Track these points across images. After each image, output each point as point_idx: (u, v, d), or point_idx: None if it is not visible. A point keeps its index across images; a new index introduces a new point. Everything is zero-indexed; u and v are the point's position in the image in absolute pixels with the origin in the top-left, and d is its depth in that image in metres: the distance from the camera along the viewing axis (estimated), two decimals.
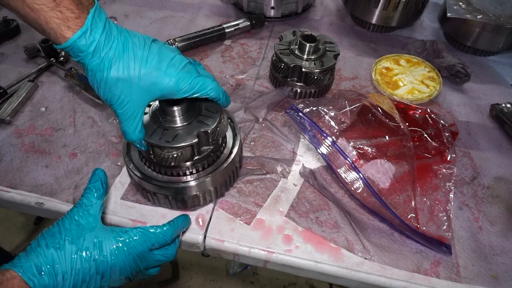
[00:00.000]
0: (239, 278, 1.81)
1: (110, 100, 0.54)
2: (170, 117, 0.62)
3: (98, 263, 0.49)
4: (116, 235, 0.52)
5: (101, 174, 0.56)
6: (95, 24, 0.49)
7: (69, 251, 0.48)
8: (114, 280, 0.52)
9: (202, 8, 1.21)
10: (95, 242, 0.50)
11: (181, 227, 0.61)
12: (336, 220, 0.71)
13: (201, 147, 0.64)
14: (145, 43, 0.54)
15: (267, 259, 0.67)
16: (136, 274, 0.55)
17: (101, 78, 0.52)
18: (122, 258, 0.52)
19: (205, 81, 0.58)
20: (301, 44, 0.86)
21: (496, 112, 0.89)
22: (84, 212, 0.52)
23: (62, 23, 0.47)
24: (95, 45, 0.49)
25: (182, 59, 0.57)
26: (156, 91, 0.55)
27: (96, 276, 0.50)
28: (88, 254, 0.49)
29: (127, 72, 0.52)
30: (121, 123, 0.57)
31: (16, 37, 1.07)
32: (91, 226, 0.51)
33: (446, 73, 0.99)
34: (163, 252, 0.58)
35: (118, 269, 0.52)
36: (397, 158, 0.75)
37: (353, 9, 1.13)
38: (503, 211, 0.73)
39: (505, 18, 0.98)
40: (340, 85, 0.98)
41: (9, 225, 1.98)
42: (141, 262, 0.54)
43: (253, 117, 0.86)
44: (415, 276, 0.64)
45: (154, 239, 0.55)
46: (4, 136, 0.82)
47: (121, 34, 0.53)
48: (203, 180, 0.65)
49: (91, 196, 0.53)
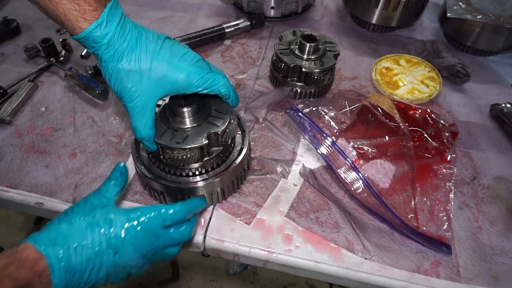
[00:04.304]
0: (239, 278, 1.81)
1: (121, 92, 0.55)
2: (180, 118, 0.63)
3: (109, 238, 0.50)
4: (127, 212, 0.53)
5: (122, 167, 0.58)
6: (111, 17, 0.51)
7: (80, 225, 0.50)
8: (130, 258, 0.52)
9: (202, 8, 1.21)
10: (106, 217, 0.51)
11: (195, 207, 0.60)
12: (336, 220, 0.71)
13: (211, 148, 0.64)
14: (159, 38, 0.56)
15: (267, 259, 0.67)
16: (153, 253, 0.55)
17: (113, 69, 0.53)
18: (133, 233, 0.52)
19: (216, 77, 0.59)
20: (301, 44, 0.86)
21: (496, 112, 0.89)
22: (99, 195, 0.54)
23: (79, 15, 0.50)
24: (109, 37, 0.51)
25: (195, 55, 0.58)
26: (167, 84, 0.56)
27: (108, 250, 0.50)
28: (99, 228, 0.50)
29: (139, 64, 0.53)
30: (131, 118, 0.57)
31: (16, 37, 1.07)
32: (104, 205, 0.53)
33: (446, 73, 0.99)
34: (178, 231, 0.57)
35: (130, 245, 0.52)
36: (397, 158, 0.75)
37: (353, 9, 1.13)
38: (503, 211, 0.73)
39: (505, 18, 0.98)
40: (340, 85, 0.98)
41: (9, 225, 1.98)
42: (155, 240, 0.54)
43: (253, 117, 0.86)
44: (415, 276, 0.64)
45: (166, 214, 0.54)
46: (4, 136, 0.82)
47: (135, 29, 0.55)
48: (211, 181, 0.65)
49: (109, 183, 0.56)
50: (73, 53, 1.02)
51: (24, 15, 1.13)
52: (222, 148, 0.65)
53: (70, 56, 1.02)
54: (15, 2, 1.20)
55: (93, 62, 0.97)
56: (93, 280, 0.50)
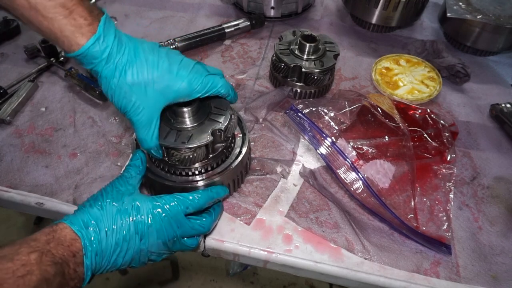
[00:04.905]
0: (239, 278, 1.81)
1: (125, 107, 0.54)
2: (182, 118, 0.63)
3: (137, 223, 0.53)
4: (152, 199, 0.56)
5: (142, 154, 0.61)
6: (107, 31, 0.51)
7: (110, 210, 0.52)
8: (152, 244, 0.55)
9: (202, 8, 1.21)
10: (134, 204, 0.54)
11: (216, 194, 0.62)
12: (336, 220, 0.71)
13: (215, 145, 0.65)
14: (154, 48, 0.56)
15: (267, 259, 0.67)
16: (173, 241, 0.57)
17: (115, 85, 0.52)
18: (158, 219, 0.54)
19: (215, 79, 0.59)
20: (301, 44, 0.86)
21: (496, 112, 0.89)
22: (124, 182, 0.57)
23: (76, 30, 0.49)
24: (108, 51, 0.51)
25: (190, 61, 0.59)
26: (170, 94, 0.56)
27: (135, 236, 0.53)
28: (128, 214, 0.53)
29: (141, 76, 0.53)
30: (136, 131, 0.57)
31: (16, 37, 1.07)
32: (130, 192, 0.56)
33: (446, 73, 0.99)
34: (199, 222, 0.59)
35: (155, 231, 0.54)
36: (397, 158, 0.75)
37: (353, 9, 1.13)
38: (503, 211, 0.73)
39: (505, 18, 0.98)
40: (340, 85, 0.98)
41: (9, 225, 1.98)
42: (177, 228, 0.56)
43: (253, 117, 0.86)
44: (415, 276, 0.64)
45: (188, 202, 0.57)
46: (4, 136, 0.82)
47: (130, 41, 0.54)
48: (211, 181, 0.65)
49: (132, 170, 0.59)
50: None
51: None
52: (225, 144, 0.66)
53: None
54: None
55: None
56: (119, 263, 0.53)
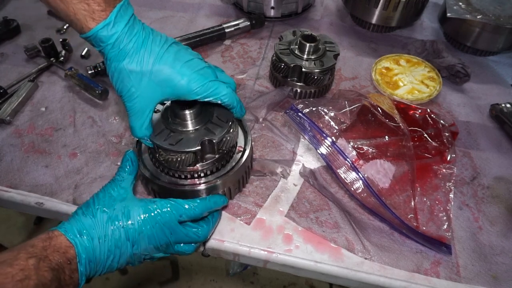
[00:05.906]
0: (239, 278, 1.81)
1: (121, 91, 0.56)
2: (179, 120, 0.62)
3: (127, 230, 0.53)
4: (144, 204, 0.55)
5: (131, 154, 0.61)
6: (119, 18, 0.52)
7: (101, 218, 0.53)
8: (144, 249, 0.55)
9: (202, 8, 1.21)
10: (124, 211, 0.54)
11: (214, 204, 0.61)
12: (336, 220, 0.71)
13: (205, 155, 0.63)
14: (165, 42, 0.57)
15: (267, 259, 0.67)
16: (166, 246, 0.57)
17: (115, 68, 0.55)
18: (149, 226, 0.54)
19: (219, 86, 0.58)
20: (301, 44, 0.86)
21: (496, 112, 0.89)
22: (116, 186, 0.57)
23: (88, 14, 0.51)
24: (116, 37, 0.53)
25: (200, 63, 0.58)
26: (167, 88, 0.56)
27: (127, 242, 0.53)
28: (117, 222, 0.53)
29: (141, 65, 0.54)
30: (129, 117, 0.59)
31: (16, 37, 1.07)
32: (122, 197, 0.56)
33: (446, 73, 0.99)
34: (195, 230, 0.59)
35: (146, 237, 0.54)
36: (397, 158, 0.75)
37: (353, 9, 1.13)
38: (503, 211, 0.73)
39: (505, 18, 0.98)
40: (340, 85, 0.98)
41: (9, 225, 1.98)
42: (170, 234, 0.56)
43: (253, 117, 0.86)
44: (415, 276, 0.64)
45: (183, 210, 0.56)
46: (4, 136, 0.82)
47: (144, 30, 0.56)
48: (213, 184, 0.65)
49: (123, 172, 0.59)
50: (73, 53, 1.02)
51: (24, 15, 1.13)
52: (218, 157, 0.64)
53: (70, 56, 1.02)
54: (15, 2, 1.20)
55: (93, 62, 0.97)
56: (115, 267, 0.54)
